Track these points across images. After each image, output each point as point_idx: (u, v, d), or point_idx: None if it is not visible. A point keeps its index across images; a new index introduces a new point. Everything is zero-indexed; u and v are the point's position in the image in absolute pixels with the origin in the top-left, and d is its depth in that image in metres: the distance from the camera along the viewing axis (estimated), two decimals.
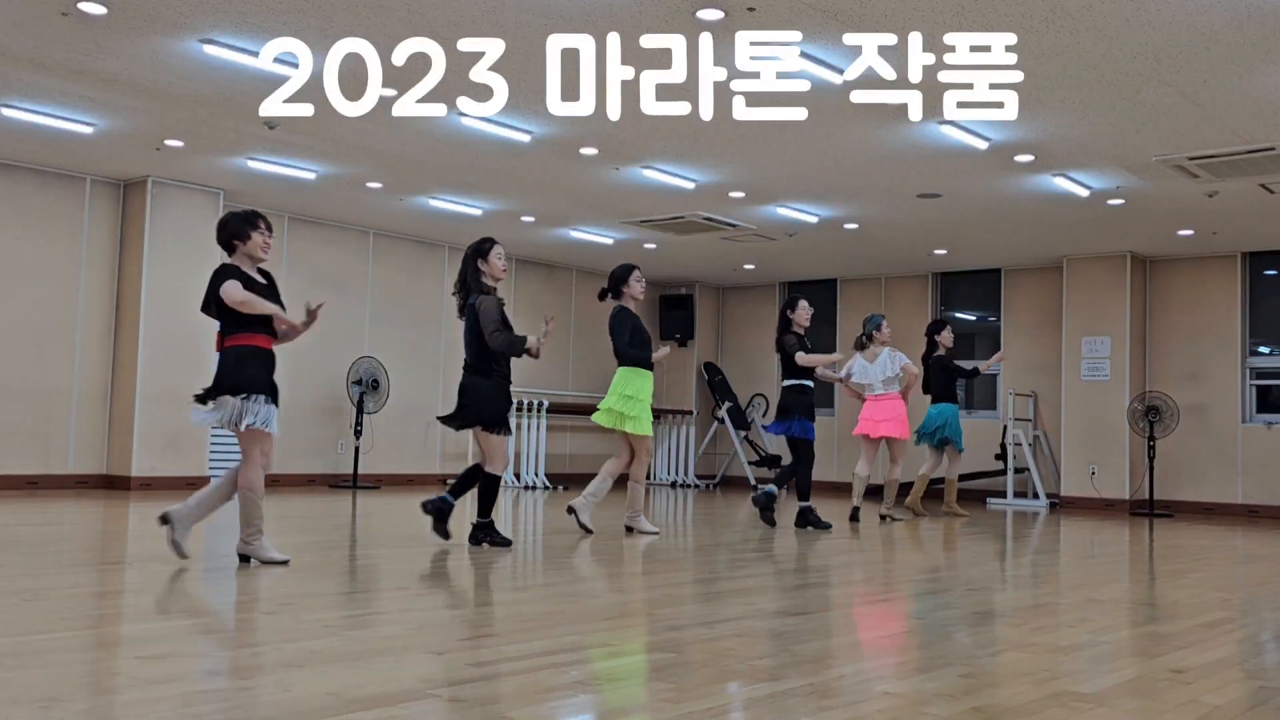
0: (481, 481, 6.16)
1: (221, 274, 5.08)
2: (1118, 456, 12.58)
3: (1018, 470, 13.18)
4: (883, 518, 9.43)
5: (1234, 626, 4.27)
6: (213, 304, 5.13)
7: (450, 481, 6.39)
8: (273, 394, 5.19)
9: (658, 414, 15.01)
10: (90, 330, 10.51)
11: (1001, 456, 13.17)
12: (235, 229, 5.22)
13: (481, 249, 6.31)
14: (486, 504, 6.17)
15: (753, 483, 15.09)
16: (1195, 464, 12.58)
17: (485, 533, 6.14)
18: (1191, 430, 12.51)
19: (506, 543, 6.13)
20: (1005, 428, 13.20)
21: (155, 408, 10.37)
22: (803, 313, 8.42)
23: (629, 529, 7.23)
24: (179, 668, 3.00)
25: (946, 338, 10.32)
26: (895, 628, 3.99)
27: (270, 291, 5.23)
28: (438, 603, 4.30)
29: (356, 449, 12.08)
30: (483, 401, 6.14)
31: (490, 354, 6.19)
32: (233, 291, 4.98)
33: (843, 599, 4.76)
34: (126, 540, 6.17)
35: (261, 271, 5.29)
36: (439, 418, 6.65)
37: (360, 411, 12.02)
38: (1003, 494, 13.15)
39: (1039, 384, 13.63)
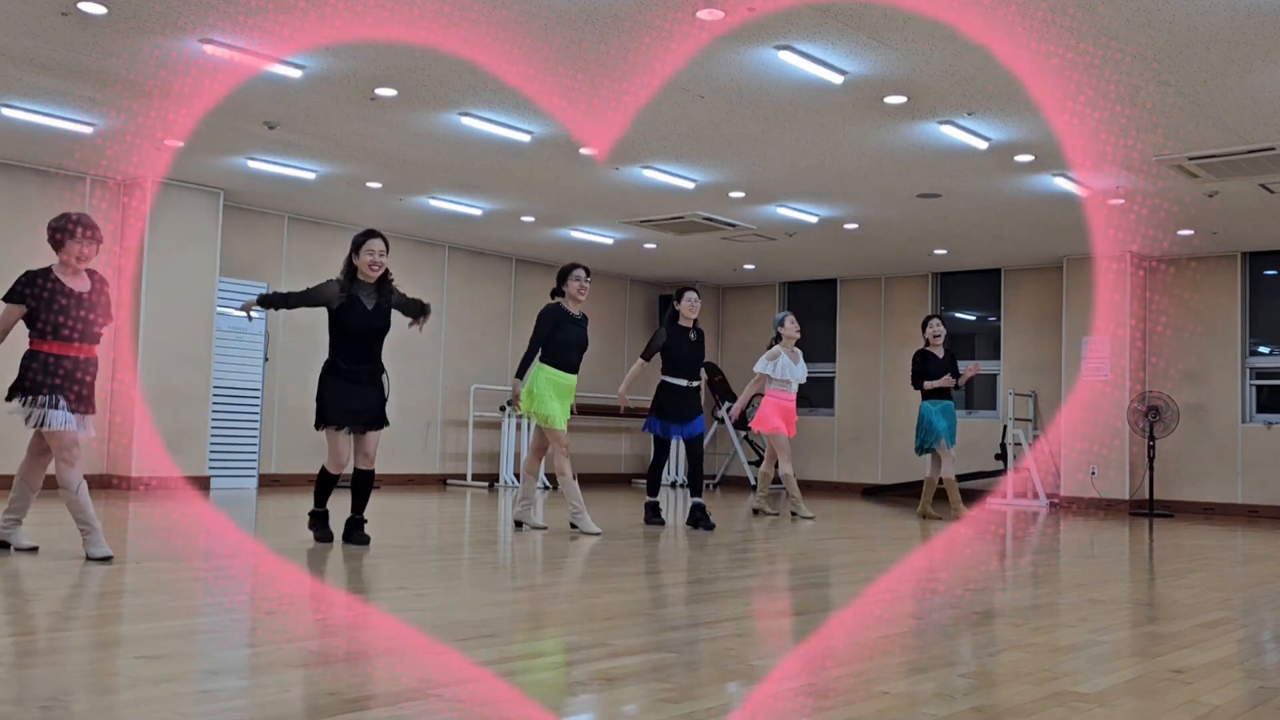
0: (354, 480, 6.31)
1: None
2: (1118, 456, 12.58)
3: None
4: (756, 511, 9.78)
5: (1234, 626, 4.28)
6: None
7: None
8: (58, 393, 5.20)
9: None
10: None
11: (1001, 456, 13.17)
12: (50, 235, 5.23)
13: (355, 242, 6.20)
14: (320, 494, 6.31)
15: (753, 482, 15.11)
16: (1195, 464, 12.59)
17: (313, 520, 6.35)
18: (1191, 430, 12.52)
19: (328, 539, 6.25)
20: (1005, 428, 13.20)
21: (155, 408, 10.37)
22: (687, 304, 8.23)
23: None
24: (179, 668, 3.00)
25: (929, 333, 9.94)
26: (895, 628, 3.99)
27: (84, 301, 5.21)
28: (437, 603, 4.30)
29: None
30: (317, 397, 6.13)
31: (330, 346, 6.12)
32: None
33: (843, 599, 4.76)
34: (126, 540, 6.17)
35: (95, 275, 5.32)
36: None
37: None
38: (1003, 494, 13.16)
39: (1039, 384, 13.64)
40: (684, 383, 8.11)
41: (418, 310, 6.42)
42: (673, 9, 6.03)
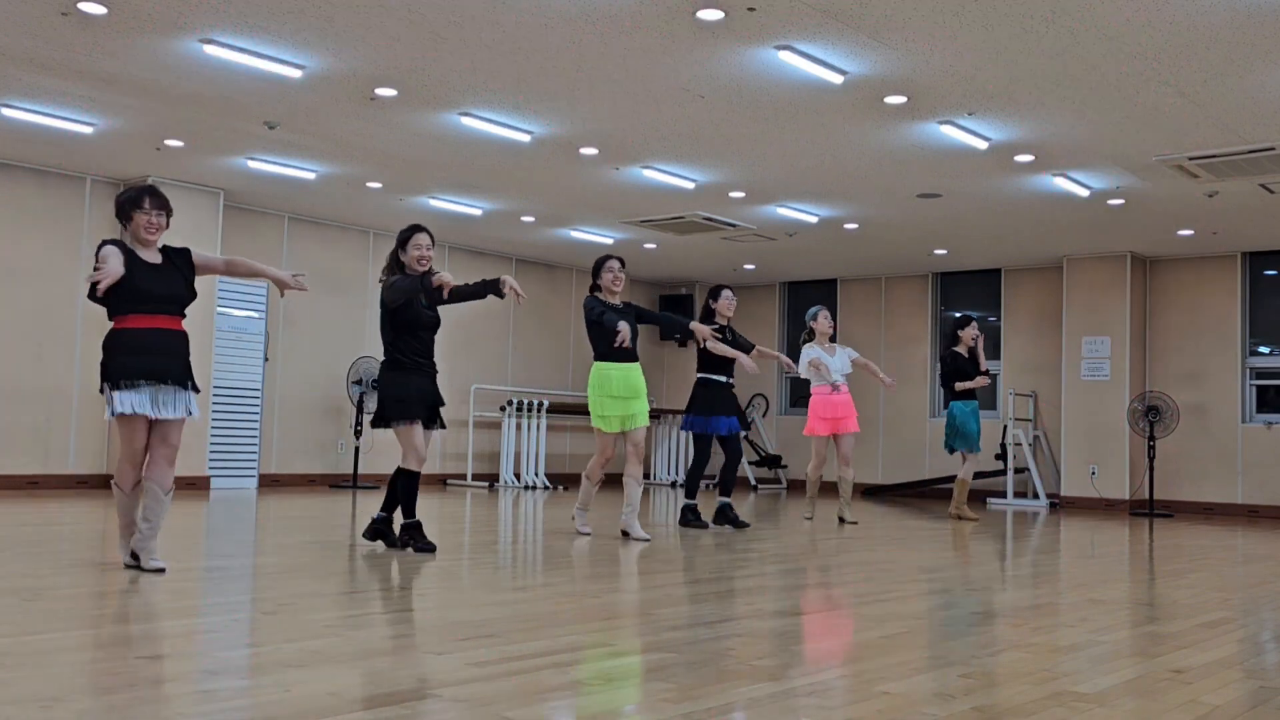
0: (396, 479, 6.03)
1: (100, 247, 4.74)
2: (1118, 456, 12.58)
3: (1018, 470, 13.19)
4: (842, 520, 9.11)
5: (1234, 626, 4.28)
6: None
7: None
8: (154, 376, 4.70)
9: (656, 414, 15.02)
10: (90, 330, 10.51)
11: (1001, 456, 13.18)
12: (118, 210, 4.90)
13: (401, 238, 6.05)
14: (407, 503, 5.98)
15: (753, 482, 15.11)
16: (1195, 464, 12.59)
17: (409, 535, 5.96)
18: (1191, 430, 12.52)
19: (430, 548, 5.90)
20: (1005, 428, 13.21)
21: None
22: (725, 303, 8.15)
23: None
24: (179, 668, 3.00)
25: (968, 335, 9.97)
26: (895, 628, 3.99)
27: (160, 272, 4.83)
28: (437, 603, 4.30)
29: (357, 449, 12.08)
30: (380, 394, 5.97)
31: (391, 343, 5.98)
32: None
33: (843, 599, 4.76)
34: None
35: (170, 250, 4.94)
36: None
37: (360, 411, 12.02)
38: (1003, 494, 13.16)
39: (1039, 384, 13.64)
40: (724, 379, 8.09)
41: (481, 288, 6.15)
42: (673, 9, 6.03)
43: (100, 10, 6.28)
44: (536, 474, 13.43)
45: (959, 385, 9.79)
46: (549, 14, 6.16)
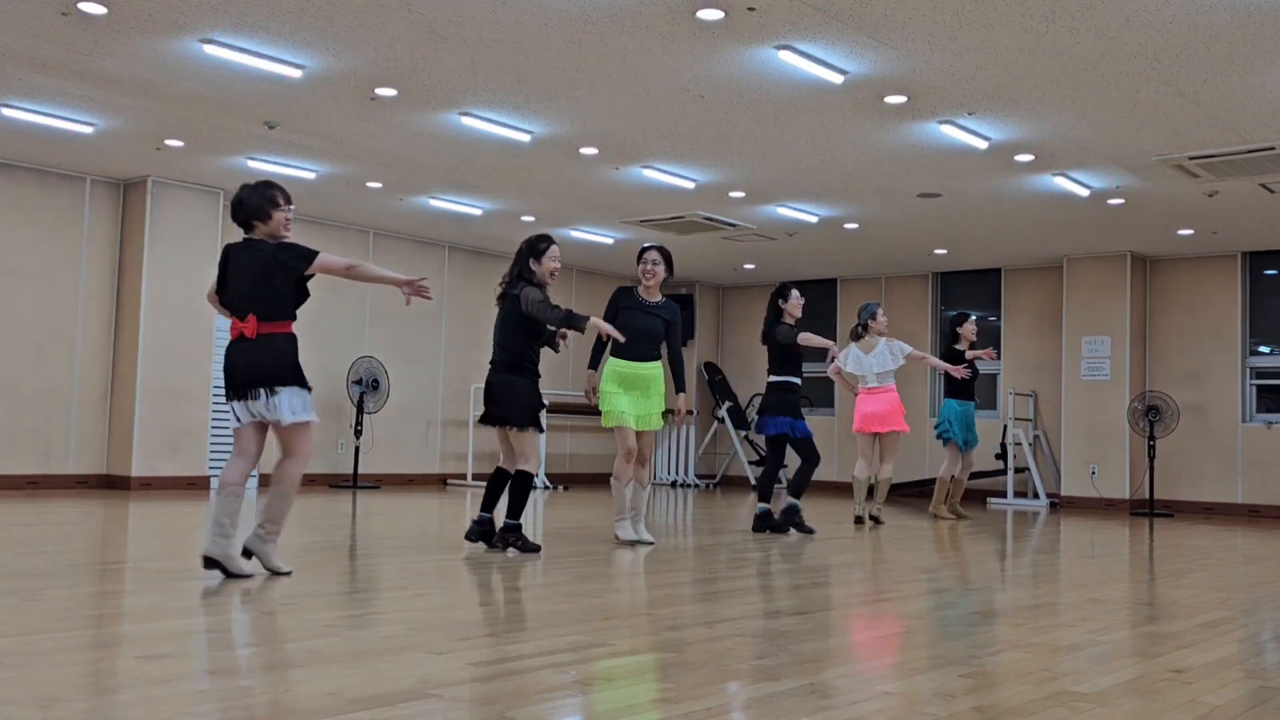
0: (515, 480, 6.05)
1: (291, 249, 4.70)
2: (1118, 456, 12.58)
3: (1018, 470, 13.19)
4: (873, 519, 9.00)
5: (1234, 626, 4.28)
6: (278, 281, 4.66)
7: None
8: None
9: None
10: (90, 330, 10.52)
11: (1001, 456, 13.18)
12: (254, 208, 4.76)
13: (536, 247, 6.17)
14: (518, 505, 6.04)
15: (753, 482, 15.10)
16: (1195, 464, 12.59)
17: (514, 535, 6.04)
18: (1191, 430, 12.52)
19: (535, 549, 6.04)
20: (1005, 428, 13.21)
21: (155, 408, 10.37)
22: (795, 303, 7.98)
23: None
24: (179, 668, 3.00)
25: (968, 330, 9.97)
26: (895, 628, 3.99)
27: None
28: (438, 603, 4.30)
29: (357, 449, 12.09)
30: (517, 398, 6.03)
31: (524, 350, 6.08)
32: (331, 261, 4.70)
33: (843, 599, 4.76)
34: (126, 540, 6.17)
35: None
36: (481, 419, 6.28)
37: (360, 411, 12.03)
38: (1003, 494, 13.16)
39: (1039, 384, 13.64)
40: (798, 381, 7.92)
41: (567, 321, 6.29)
42: (673, 9, 6.03)
43: (100, 10, 6.28)
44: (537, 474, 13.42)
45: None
46: (549, 14, 6.16)
